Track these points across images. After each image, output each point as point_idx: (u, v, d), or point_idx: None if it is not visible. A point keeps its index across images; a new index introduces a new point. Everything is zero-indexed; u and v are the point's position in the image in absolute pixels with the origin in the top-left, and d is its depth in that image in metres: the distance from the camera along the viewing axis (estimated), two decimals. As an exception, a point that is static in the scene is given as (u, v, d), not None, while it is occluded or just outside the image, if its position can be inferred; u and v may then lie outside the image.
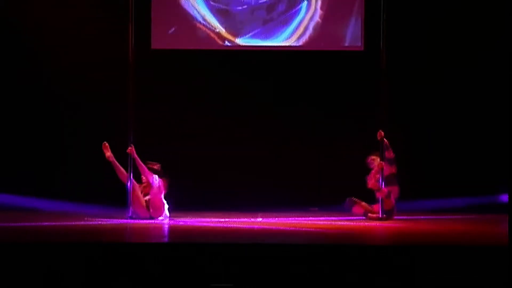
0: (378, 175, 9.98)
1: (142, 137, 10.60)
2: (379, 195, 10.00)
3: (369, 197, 10.15)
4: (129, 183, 9.80)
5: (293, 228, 9.08)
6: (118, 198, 10.23)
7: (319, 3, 11.69)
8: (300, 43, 11.70)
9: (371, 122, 10.66)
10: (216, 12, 11.71)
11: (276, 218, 10.08)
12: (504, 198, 11.09)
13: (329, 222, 9.74)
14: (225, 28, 11.74)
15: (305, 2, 11.69)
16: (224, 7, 11.71)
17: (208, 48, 11.69)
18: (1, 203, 11.14)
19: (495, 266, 6.78)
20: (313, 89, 11.87)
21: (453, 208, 11.14)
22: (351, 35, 11.64)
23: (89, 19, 11.69)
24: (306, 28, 11.70)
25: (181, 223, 9.54)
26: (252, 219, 9.94)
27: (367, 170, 10.14)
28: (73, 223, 9.30)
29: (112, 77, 11.45)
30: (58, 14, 11.67)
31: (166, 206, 9.93)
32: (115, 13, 11.33)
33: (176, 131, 11.77)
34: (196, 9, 11.68)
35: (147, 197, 9.91)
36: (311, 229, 8.95)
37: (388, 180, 9.96)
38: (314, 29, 11.69)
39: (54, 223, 9.25)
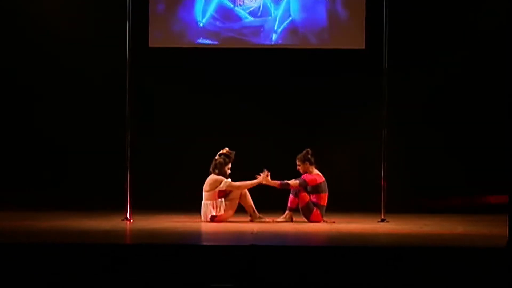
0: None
1: (139, 135, 10.73)
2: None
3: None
4: None
5: (292, 229, 9.13)
6: (113, 201, 10.38)
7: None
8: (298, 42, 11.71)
9: (373, 121, 10.71)
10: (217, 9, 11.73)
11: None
12: None
13: (328, 223, 9.73)
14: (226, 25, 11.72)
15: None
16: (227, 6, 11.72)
17: (205, 46, 11.67)
18: None
19: (494, 268, 6.76)
20: (315, 87, 11.95)
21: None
22: (353, 34, 11.61)
23: (86, 18, 11.69)
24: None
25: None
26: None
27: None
28: (72, 224, 9.29)
29: (109, 75, 11.47)
30: (55, 13, 11.66)
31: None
32: (112, 11, 11.24)
33: (174, 129, 11.80)
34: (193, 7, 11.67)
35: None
36: (310, 230, 8.98)
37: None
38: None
39: (52, 224, 9.28)
